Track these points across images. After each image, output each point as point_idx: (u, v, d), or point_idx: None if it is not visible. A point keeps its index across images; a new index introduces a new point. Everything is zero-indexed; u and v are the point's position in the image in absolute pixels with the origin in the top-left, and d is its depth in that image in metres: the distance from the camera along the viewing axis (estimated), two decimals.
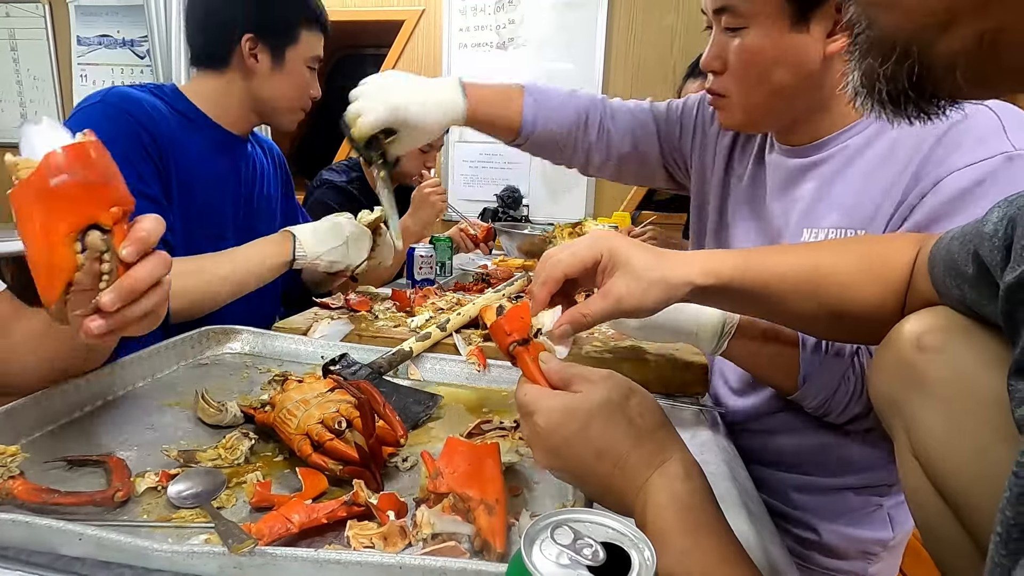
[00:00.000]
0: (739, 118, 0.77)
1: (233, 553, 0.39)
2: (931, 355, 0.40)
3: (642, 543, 0.33)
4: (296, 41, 1.08)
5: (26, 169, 0.45)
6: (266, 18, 1.06)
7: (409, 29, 2.74)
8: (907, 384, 0.41)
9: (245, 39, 1.04)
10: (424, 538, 0.44)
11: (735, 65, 0.72)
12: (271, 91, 1.09)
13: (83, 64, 3.05)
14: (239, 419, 0.63)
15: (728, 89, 0.75)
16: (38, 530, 0.42)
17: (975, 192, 0.60)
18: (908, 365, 0.41)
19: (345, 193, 1.75)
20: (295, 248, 0.98)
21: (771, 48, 0.68)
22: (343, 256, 1.01)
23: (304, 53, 1.09)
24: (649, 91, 2.76)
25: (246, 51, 1.05)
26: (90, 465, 0.53)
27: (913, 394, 0.40)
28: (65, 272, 0.46)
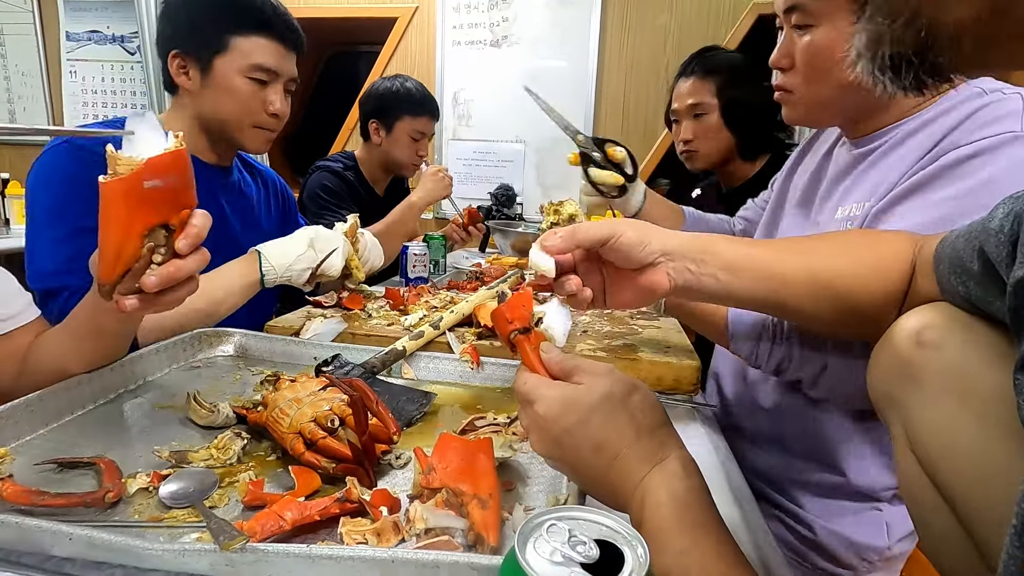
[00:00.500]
0: (802, 112, 0.80)
1: (224, 550, 0.39)
2: (929, 351, 0.40)
3: (635, 540, 0.33)
4: (226, 49, 0.98)
5: (126, 166, 0.48)
6: (187, 30, 1.00)
7: (403, 26, 2.73)
8: (905, 380, 0.41)
9: (171, 56, 1.00)
10: (417, 533, 0.44)
11: (802, 62, 0.74)
12: (207, 108, 1.02)
13: (72, 60, 3.02)
14: (231, 420, 0.63)
15: (794, 85, 0.77)
16: (28, 530, 0.42)
17: (971, 163, 0.61)
18: (906, 361, 0.41)
19: (342, 177, 1.74)
20: (261, 266, 0.93)
21: (837, 45, 0.70)
22: (312, 260, 0.96)
23: (238, 61, 0.99)
24: (642, 89, 2.76)
25: (174, 69, 1.00)
26: (81, 467, 0.53)
27: (911, 389, 0.40)
28: (129, 261, 0.52)
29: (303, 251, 0.95)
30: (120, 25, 2.95)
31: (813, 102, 0.76)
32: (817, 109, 0.77)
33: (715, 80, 1.40)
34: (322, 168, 1.75)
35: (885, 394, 0.44)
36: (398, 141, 1.74)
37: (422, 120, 1.74)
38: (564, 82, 2.64)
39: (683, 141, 1.46)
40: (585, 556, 0.30)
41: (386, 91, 1.74)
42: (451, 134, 2.77)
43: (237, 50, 0.99)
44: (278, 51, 1.02)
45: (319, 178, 1.73)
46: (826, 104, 0.76)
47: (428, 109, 1.76)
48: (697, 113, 1.42)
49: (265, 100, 1.02)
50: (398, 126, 1.73)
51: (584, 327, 0.98)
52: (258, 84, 1.01)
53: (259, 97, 1.02)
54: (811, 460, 0.82)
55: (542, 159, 2.73)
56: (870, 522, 0.80)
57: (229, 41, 0.99)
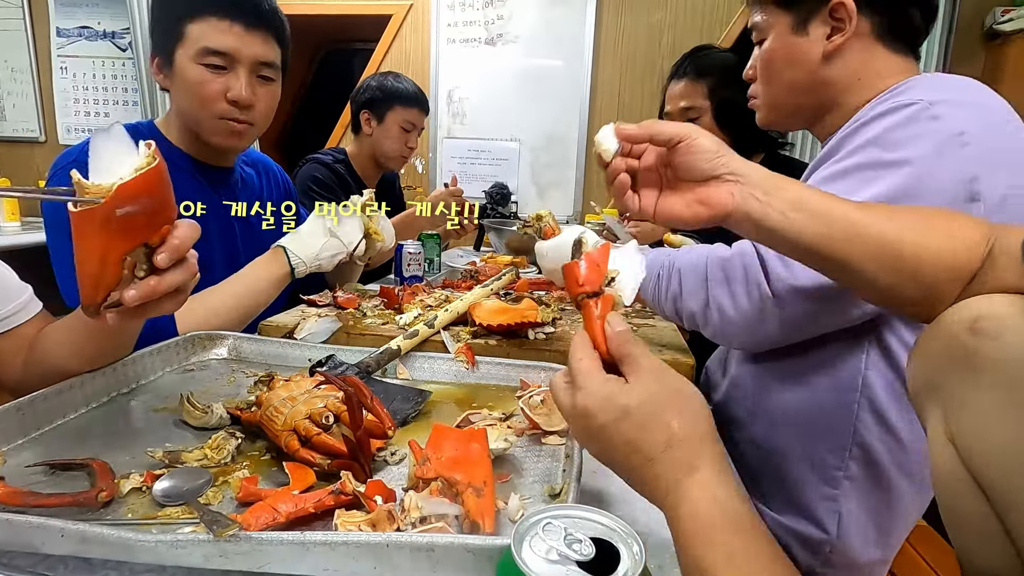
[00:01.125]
0: (766, 113, 0.87)
1: (217, 538, 0.39)
2: (985, 340, 0.38)
3: (631, 538, 0.33)
4: (182, 39, 0.93)
5: (94, 193, 0.45)
6: (154, 28, 0.98)
7: (397, 24, 2.72)
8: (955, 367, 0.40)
9: (151, 58, 0.99)
10: (412, 522, 0.44)
11: (759, 69, 0.84)
12: (178, 103, 0.98)
13: (63, 56, 2.99)
14: (225, 420, 0.62)
15: (757, 91, 0.87)
16: (19, 528, 0.41)
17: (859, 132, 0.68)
18: (959, 349, 0.40)
19: (332, 169, 1.75)
20: (290, 260, 0.96)
21: (780, 50, 0.80)
22: (339, 247, 1.00)
23: (191, 48, 0.92)
24: (637, 87, 2.77)
25: (154, 69, 0.99)
26: (74, 469, 0.53)
27: (961, 379, 0.39)
28: (110, 286, 0.51)
29: (326, 239, 0.99)
30: (111, 21, 2.92)
31: (771, 105, 0.85)
32: (776, 110, 0.86)
33: (707, 82, 1.40)
34: (312, 160, 1.77)
35: (927, 382, 0.43)
36: (389, 131, 1.76)
37: (413, 111, 1.78)
38: (559, 80, 2.64)
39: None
40: (581, 554, 0.30)
41: (379, 84, 1.78)
42: (446, 132, 2.77)
43: (191, 37, 0.93)
44: (234, 31, 0.93)
45: (309, 170, 1.74)
46: (781, 105, 0.84)
47: (419, 102, 1.80)
48: (690, 116, 1.42)
49: (223, 86, 0.94)
50: (389, 116, 1.76)
51: (579, 325, 0.98)
52: (213, 70, 0.93)
53: (216, 84, 0.94)
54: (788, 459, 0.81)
55: (537, 157, 2.73)
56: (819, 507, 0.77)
57: (184, 30, 0.93)
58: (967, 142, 0.63)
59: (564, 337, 0.90)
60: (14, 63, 3.03)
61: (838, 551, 0.76)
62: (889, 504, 0.76)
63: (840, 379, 0.74)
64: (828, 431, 0.76)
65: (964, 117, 0.64)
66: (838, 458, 0.76)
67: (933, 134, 0.63)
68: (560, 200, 2.74)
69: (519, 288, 1.17)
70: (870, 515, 0.76)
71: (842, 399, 0.74)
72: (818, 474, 0.77)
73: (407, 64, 2.75)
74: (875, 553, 0.77)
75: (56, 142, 3.06)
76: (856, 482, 0.76)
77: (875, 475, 0.75)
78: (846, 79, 0.77)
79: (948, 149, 0.63)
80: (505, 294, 1.10)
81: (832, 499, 0.76)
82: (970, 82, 0.69)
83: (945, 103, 0.65)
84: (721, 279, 0.72)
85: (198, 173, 1.03)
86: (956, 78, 0.70)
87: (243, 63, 0.95)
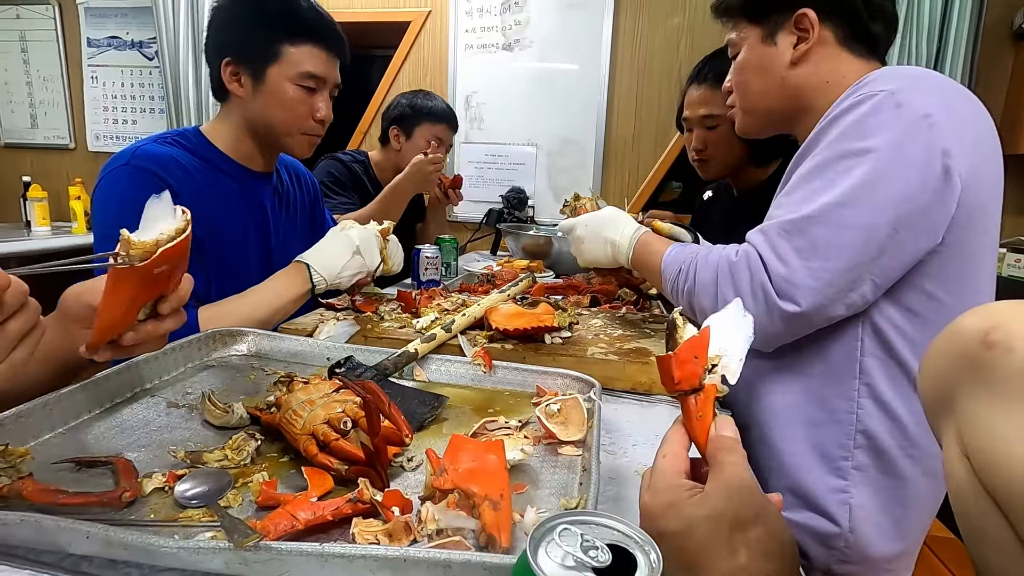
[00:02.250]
0: (743, 120, 0.92)
1: (238, 548, 0.40)
2: (999, 353, 0.37)
3: (648, 545, 0.32)
4: (278, 58, 1.02)
5: (139, 251, 0.49)
6: (241, 38, 1.02)
7: (415, 30, 2.75)
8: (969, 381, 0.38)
9: (224, 64, 1.02)
10: (429, 533, 0.44)
11: (733, 79, 0.91)
12: (258, 115, 1.05)
13: (93, 65, 3.08)
14: (245, 420, 0.63)
15: (733, 100, 0.92)
16: (46, 528, 0.42)
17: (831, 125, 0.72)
18: (972, 363, 0.38)
19: (348, 168, 1.78)
20: (312, 276, 0.98)
21: (752, 61, 0.87)
22: (361, 265, 1.02)
23: (288, 71, 1.02)
24: (655, 92, 2.76)
25: (227, 76, 1.03)
26: (98, 466, 0.54)
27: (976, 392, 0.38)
28: (124, 329, 0.56)
29: (349, 258, 1.00)
30: (139, 31, 3.00)
31: (745, 110, 0.90)
32: (749, 115, 0.90)
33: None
34: (330, 157, 1.80)
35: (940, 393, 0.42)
36: (416, 147, 1.78)
37: (441, 127, 1.81)
38: (576, 85, 2.64)
39: (695, 150, 1.45)
40: (598, 561, 0.30)
41: (409, 102, 1.82)
42: (463, 137, 2.78)
43: (289, 59, 1.02)
44: (326, 59, 1.05)
45: (325, 166, 1.78)
46: (753, 111, 0.90)
47: (449, 119, 1.84)
48: (709, 125, 1.40)
49: (313, 106, 1.05)
50: (417, 131, 1.80)
51: (596, 331, 0.98)
52: (307, 91, 1.04)
53: (308, 104, 1.05)
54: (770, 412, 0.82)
55: (553, 162, 2.73)
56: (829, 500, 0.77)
57: (281, 50, 1.01)
58: (933, 123, 0.67)
59: (580, 342, 0.90)
60: (46, 72, 3.13)
61: (852, 545, 0.76)
62: (901, 493, 0.76)
63: (837, 367, 0.76)
64: (831, 421, 0.77)
65: (927, 101, 0.68)
66: (844, 448, 0.76)
67: (900, 119, 0.67)
68: None
69: (536, 292, 1.17)
70: (882, 505, 0.76)
71: (841, 387, 0.76)
72: (825, 466, 0.77)
73: (425, 70, 2.77)
74: (893, 546, 0.77)
75: (86, 149, 3.15)
76: (865, 472, 0.76)
77: (883, 463, 0.75)
78: (815, 83, 0.83)
79: (916, 130, 0.67)
80: (522, 298, 1.10)
81: (842, 491, 0.76)
82: (929, 71, 0.74)
83: (907, 90, 0.69)
84: (729, 280, 0.74)
85: (244, 178, 1.08)
86: (915, 68, 0.75)
87: (328, 86, 1.08)
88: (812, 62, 0.82)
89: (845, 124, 0.71)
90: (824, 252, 0.69)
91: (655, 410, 0.78)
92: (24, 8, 3.08)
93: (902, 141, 0.67)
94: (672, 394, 0.43)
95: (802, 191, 0.72)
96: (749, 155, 1.41)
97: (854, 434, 0.75)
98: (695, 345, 0.42)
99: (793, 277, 0.69)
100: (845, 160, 0.70)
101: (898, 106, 0.68)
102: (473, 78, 2.73)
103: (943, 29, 2.23)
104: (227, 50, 1.02)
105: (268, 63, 1.02)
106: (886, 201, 0.67)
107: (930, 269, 0.71)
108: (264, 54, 1.02)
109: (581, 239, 0.99)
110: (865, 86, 0.72)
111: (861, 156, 0.68)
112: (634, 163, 2.66)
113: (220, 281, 0.99)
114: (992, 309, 0.40)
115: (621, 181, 2.68)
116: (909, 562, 0.79)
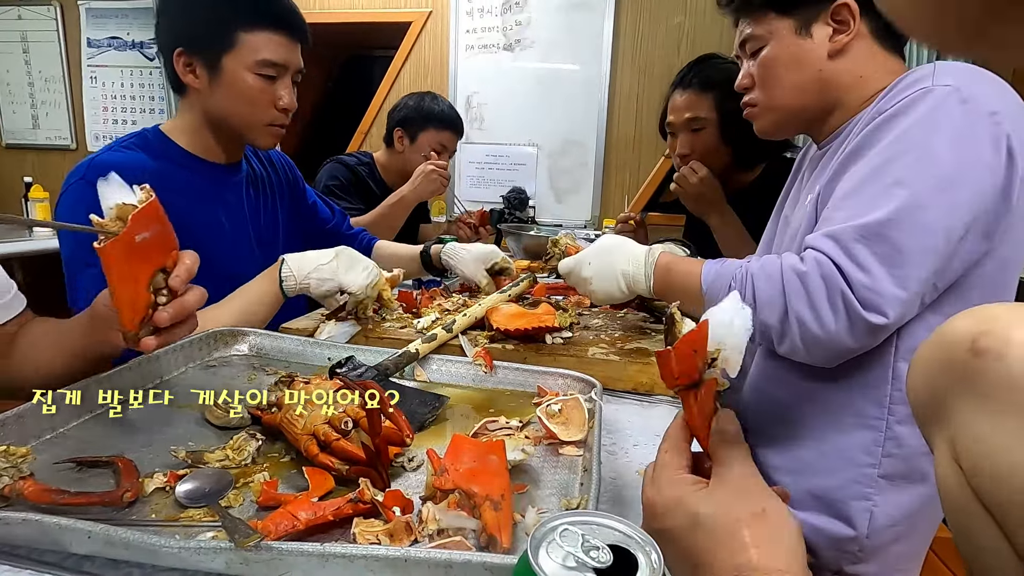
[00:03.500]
0: (768, 119, 0.87)
1: (239, 548, 0.40)
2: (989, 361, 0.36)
3: (649, 546, 0.32)
4: (233, 46, 0.95)
5: (112, 225, 0.54)
6: (192, 26, 0.97)
7: (416, 31, 2.75)
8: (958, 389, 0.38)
9: (176, 55, 0.96)
10: (430, 534, 0.44)
11: (760, 76, 0.85)
12: (217, 108, 0.99)
13: (93, 66, 3.08)
14: (246, 420, 0.63)
15: (757, 99, 0.87)
16: (48, 528, 0.42)
17: (889, 123, 0.69)
18: (961, 369, 0.38)
19: (353, 171, 1.78)
20: (281, 271, 0.90)
21: (784, 54, 0.82)
22: (332, 273, 0.91)
23: (245, 59, 0.96)
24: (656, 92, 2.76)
25: (180, 68, 0.97)
26: (99, 466, 0.54)
27: (966, 399, 0.38)
28: (144, 309, 0.58)
29: (325, 262, 0.91)
30: (139, 31, 3.01)
31: (774, 108, 0.85)
32: (779, 115, 0.86)
33: (714, 93, 1.36)
34: (335, 160, 1.80)
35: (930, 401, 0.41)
36: (419, 150, 1.77)
37: (446, 134, 1.79)
38: (577, 85, 2.64)
39: (681, 155, 1.43)
40: (599, 561, 0.30)
41: (416, 104, 1.80)
42: (464, 138, 2.77)
43: (245, 46, 0.96)
44: (286, 44, 0.99)
45: (330, 169, 1.77)
46: (784, 108, 0.84)
47: (454, 125, 1.81)
48: (695, 128, 1.39)
49: (274, 96, 1.00)
50: (422, 137, 1.77)
51: (597, 331, 0.98)
52: (267, 80, 0.98)
53: (268, 93, 0.99)
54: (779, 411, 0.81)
55: (555, 162, 2.73)
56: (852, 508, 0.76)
57: (236, 37, 0.95)
58: (1000, 120, 0.65)
59: (581, 342, 0.90)
60: (47, 73, 3.14)
61: (867, 548, 0.75)
62: (922, 497, 0.74)
63: (871, 372, 0.73)
64: (861, 426, 0.74)
65: (991, 97, 0.67)
66: (872, 455, 0.74)
67: (968, 115, 0.65)
68: (578, 205, 2.74)
69: (537, 293, 1.17)
70: (903, 511, 0.74)
71: (874, 392, 0.73)
72: (851, 472, 0.75)
73: (426, 70, 2.77)
74: (908, 547, 0.76)
75: (86, 149, 3.15)
76: (891, 479, 0.74)
77: (909, 469, 0.73)
78: (850, 77, 0.79)
79: (985, 127, 0.65)
80: (522, 298, 1.10)
81: (865, 498, 0.75)
82: (975, 66, 0.72)
83: (969, 85, 0.67)
84: (801, 293, 0.67)
85: (210, 173, 1.04)
86: (963, 64, 0.72)
87: (289, 73, 1.01)
88: (850, 56, 0.79)
89: (909, 121, 0.67)
90: (909, 258, 0.63)
91: (656, 410, 0.78)
92: (26, 9, 3.08)
93: (973, 138, 0.65)
94: (673, 390, 0.43)
95: (871, 191, 0.67)
96: (734, 159, 1.40)
97: (883, 441, 0.73)
98: (694, 339, 0.41)
99: (877, 286, 0.63)
100: (915, 158, 0.65)
101: (964, 102, 0.65)
102: (474, 78, 2.73)
103: None
104: (179, 40, 0.97)
105: (223, 52, 0.95)
106: (962, 202, 0.64)
107: (970, 273, 0.69)
108: (218, 42, 0.95)
109: (589, 280, 0.89)
110: (918, 82, 0.69)
111: (932, 154, 0.65)
112: (635, 164, 2.66)
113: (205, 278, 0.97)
114: (982, 313, 0.39)
115: (622, 181, 2.68)
116: (919, 561, 0.79)
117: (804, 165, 0.93)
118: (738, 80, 0.89)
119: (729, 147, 1.38)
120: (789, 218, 0.89)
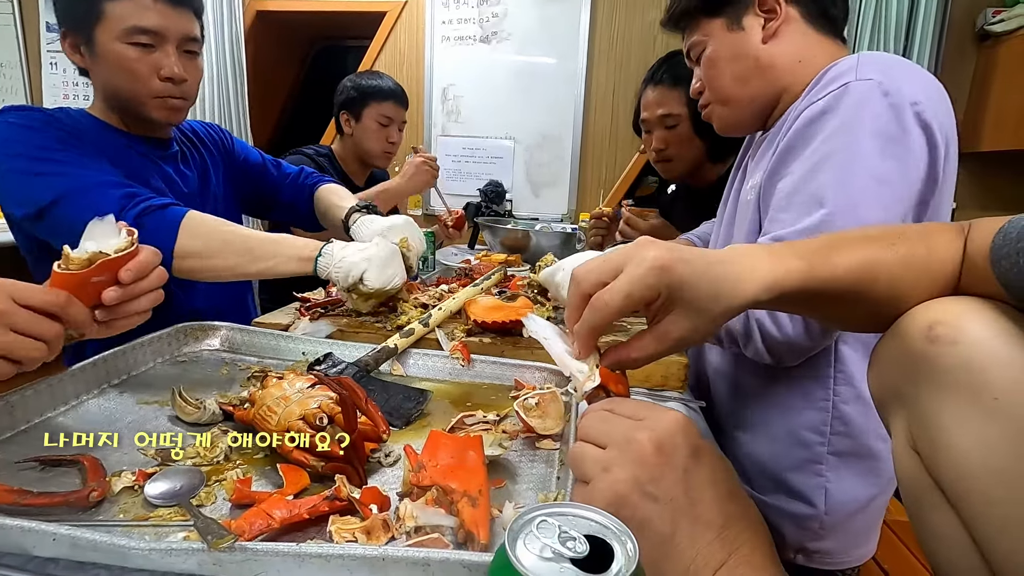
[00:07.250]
0: (722, 114, 0.90)
1: (213, 549, 0.39)
2: (942, 347, 0.38)
3: (625, 535, 0.33)
4: (100, 17, 0.90)
5: (76, 264, 0.55)
6: (66, 5, 0.93)
7: (391, 21, 2.71)
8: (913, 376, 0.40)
9: (62, 36, 0.94)
10: (407, 531, 0.44)
11: (706, 76, 0.88)
12: (104, 83, 0.96)
13: (52, 51, 2.96)
14: (218, 416, 0.62)
15: (708, 98, 0.90)
16: (9, 531, 0.41)
17: (819, 121, 0.71)
18: (917, 357, 0.39)
19: (314, 160, 1.76)
20: (320, 254, 0.89)
21: (722, 49, 0.85)
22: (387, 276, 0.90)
23: (114, 28, 0.91)
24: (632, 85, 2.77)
25: (67, 49, 0.94)
26: (64, 465, 0.52)
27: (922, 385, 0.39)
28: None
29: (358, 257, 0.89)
30: None
31: (724, 103, 0.88)
32: (730, 108, 0.88)
33: (684, 88, 1.36)
34: (295, 152, 1.77)
35: (889, 389, 0.43)
36: (367, 129, 1.77)
37: (388, 105, 1.77)
38: (554, 78, 2.64)
39: (656, 150, 1.45)
40: (575, 551, 0.30)
41: (354, 84, 1.79)
42: (440, 130, 2.76)
43: (111, 16, 0.91)
44: (159, 8, 0.92)
45: (293, 161, 1.74)
46: (732, 100, 0.87)
47: (394, 95, 1.79)
48: (668, 124, 1.41)
49: (155, 65, 0.94)
50: (365, 113, 1.76)
51: None
52: (143, 48, 0.93)
53: (147, 63, 0.93)
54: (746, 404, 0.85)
55: (532, 156, 2.73)
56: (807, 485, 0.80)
57: (101, 8, 0.90)
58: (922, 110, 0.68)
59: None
60: (4, 59, 3.00)
61: (827, 524, 0.79)
62: (873, 472, 0.79)
63: (816, 356, 0.76)
64: (808, 407, 0.79)
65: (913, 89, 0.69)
66: (820, 434, 0.79)
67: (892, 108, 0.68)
68: (555, 198, 2.74)
69: (513, 287, 1.17)
70: (856, 485, 0.79)
71: (818, 374, 0.77)
72: (803, 452, 0.80)
73: (401, 61, 2.74)
74: (864, 520, 0.80)
75: None
76: (841, 456, 0.78)
77: (858, 445, 0.78)
78: (787, 60, 0.82)
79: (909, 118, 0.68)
80: (500, 292, 1.10)
81: (818, 474, 0.79)
82: (897, 57, 0.76)
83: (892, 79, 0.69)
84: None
85: (142, 146, 1.01)
86: (884, 55, 0.75)
87: (171, 40, 0.95)
88: (784, 40, 0.82)
89: (837, 121, 0.69)
90: None
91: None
92: None
93: (899, 131, 0.67)
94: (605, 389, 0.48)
95: (808, 192, 0.69)
96: (707, 152, 1.43)
97: (830, 420, 0.77)
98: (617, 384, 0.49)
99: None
100: (846, 159, 0.68)
101: (887, 94, 0.68)
102: (450, 70, 2.71)
103: (909, 29, 2.29)
104: (62, 21, 0.94)
105: (93, 26, 0.91)
106: (896, 198, 0.68)
107: None
108: (86, 17, 0.91)
109: (560, 285, 0.90)
110: (843, 75, 0.72)
111: (861, 153, 0.68)
112: (611, 158, 2.68)
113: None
114: (938, 305, 0.41)
115: (598, 175, 2.70)
116: (876, 532, 0.84)
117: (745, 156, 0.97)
118: (692, 86, 0.92)
119: (703, 141, 1.40)
120: (737, 200, 0.92)
